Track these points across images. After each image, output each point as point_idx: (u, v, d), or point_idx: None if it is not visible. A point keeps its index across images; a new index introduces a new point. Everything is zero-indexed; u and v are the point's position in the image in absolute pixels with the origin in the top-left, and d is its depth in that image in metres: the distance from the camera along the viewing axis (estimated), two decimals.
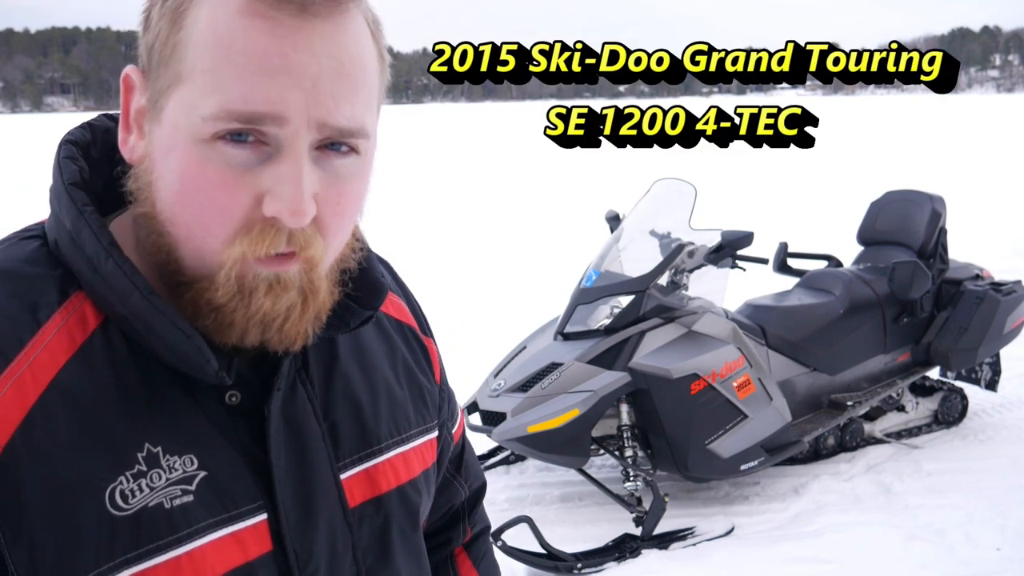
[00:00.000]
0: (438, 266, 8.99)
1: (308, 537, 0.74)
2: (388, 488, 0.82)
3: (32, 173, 21.40)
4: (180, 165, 0.66)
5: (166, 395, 0.69)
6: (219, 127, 0.65)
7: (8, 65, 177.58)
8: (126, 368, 0.69)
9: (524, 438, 3.49)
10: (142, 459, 0.67)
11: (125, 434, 0.67)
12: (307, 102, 0.65)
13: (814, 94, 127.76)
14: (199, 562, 0.68)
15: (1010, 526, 3.51)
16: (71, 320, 0.68)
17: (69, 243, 0.70)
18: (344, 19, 0.67)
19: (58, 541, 0.63)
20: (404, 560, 0.84)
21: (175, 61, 0.66)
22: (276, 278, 0.68)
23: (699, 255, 3.85)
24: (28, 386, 0.64)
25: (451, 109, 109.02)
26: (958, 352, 4.47)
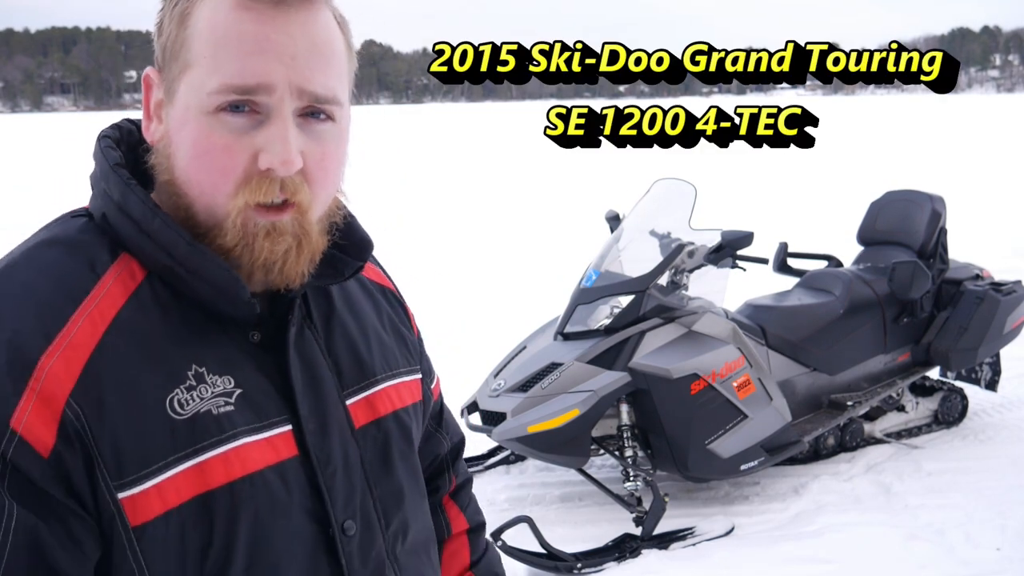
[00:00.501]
0: (438, 266, 9.00)
1: (326, 446, 0.91)
2: (385, 412, 1.00)
3: (32, 173, 21.40)
4: (192, 135, 0.83)
5: (204, 330, 0.86)
6: (221, 100, 0.81)
7: (8, 65, 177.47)
8: (170, 310, 0.85)
9: (524, 438, 3.49)
10: (191, 376, 0.84)
11: (176, 357, 0.84)
12: (288, 73, 0.82)
13: (814, 94, 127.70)
14: (243, 458, 0.84)
15: (1010, 526, 3.51)
16: (123, 273, 0.85)
17: (117, 212, 0.86)
18: (314, 10, 0.85)
19: (133, 437, 0.79)
20: (403, 473, 1.01)
21: (183, 53, 0.84)
22: (272, 226, 0.85)
23: (699, 255, 3.85)
24: (97, 321, 0.81)
25: (451, 109, 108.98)
26: (958, 352, 4.47)
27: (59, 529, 0.77)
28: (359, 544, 0.93)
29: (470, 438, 4.38)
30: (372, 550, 0.94)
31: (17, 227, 12.11)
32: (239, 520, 0.83)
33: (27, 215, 13.55)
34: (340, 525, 0.91)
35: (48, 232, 0.88)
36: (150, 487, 0.80)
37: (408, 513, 1.01)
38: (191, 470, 0.82)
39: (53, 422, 0.76)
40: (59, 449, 0.76)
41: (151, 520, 0.80)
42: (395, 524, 0.99)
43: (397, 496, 0.99)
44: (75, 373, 0.78)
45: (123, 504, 0.79)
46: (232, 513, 0.83)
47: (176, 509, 0.81)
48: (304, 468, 0.89)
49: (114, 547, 0.79)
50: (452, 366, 5.58)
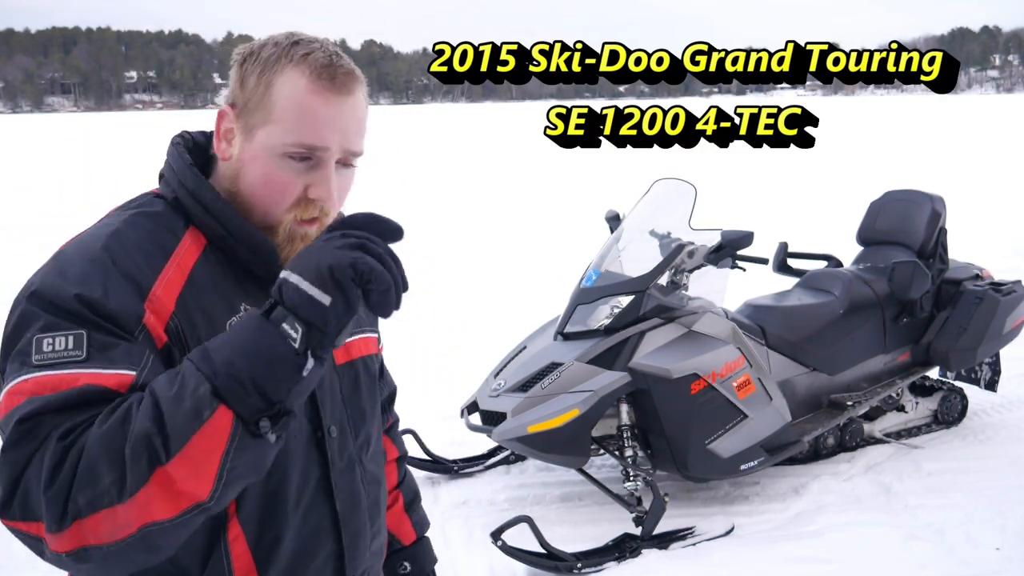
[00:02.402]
0: (438, 266, 8.99)
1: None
2: (357, 356, 1.37)
3: (32, 173, 21.39)
4: (263, 168, 1.20)
5: (246, 283, 1.23)
6: (291, 150, 1.19)
7: (8, 65, 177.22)
8: (224, 266, 1.22)
9: (524, 438, 3.49)
10: (242, 309, 1.20)
11: (233, 296, 1.21)
12: (340, 140, 1.20)
13: (814, 94, 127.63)
14: None
15: (1010, 526, 3.51)
16: (193, 240, 1.21)
17: (189, 198, 1.22)
18: (359, 93, 1.23)
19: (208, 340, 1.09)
20: (367, 402, 1.38)
21: (267, 110, 1.19)
22: (306, 234, 1.23)
23: (699, 255, 3.85)
24: (183, 267, 1.18)
25: (451, 109, 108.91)
26: (958, 352, 4.47)
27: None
28: (338, 444, 1.29)
29: (470, 438, 4.38)
30: (346, 451, 1.30)
31: (19, 226, 12.09)
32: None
33: (28, 214, 13.53)
34: (327, 428, 1.27)
35: (138, 207, 1.23)
36: None
37: (370, 431, 1.38)
38: None
39: (163, 328, 1.12)
40: (168, 343, 1.13)
41: None
42: (361, 436, 1.35)
43: (363, 416, 1.35)
44: (173, 299, 1.14)
45: None
46: None
47: None
48: None
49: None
50: (452, 366, 5.59)
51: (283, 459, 1.19)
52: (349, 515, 1.29)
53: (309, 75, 1.18)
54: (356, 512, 1.31)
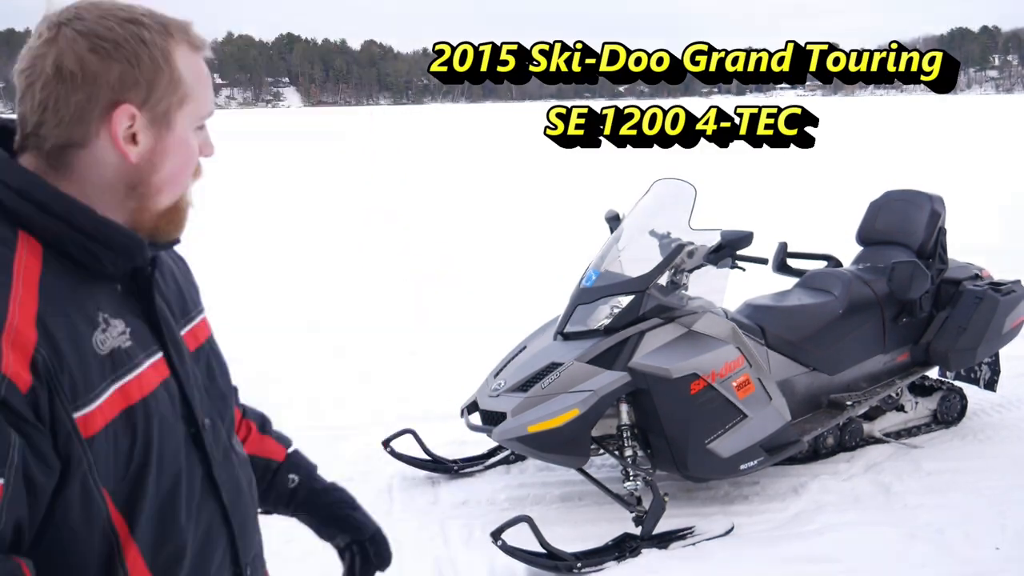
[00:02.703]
0: (438, 266, 9.00)
1: (184, 367, 1.19)
2: (203, 340, 1.30)
3: None
4: (189, 149, 1.14)
5: (91, 286, 1.09)
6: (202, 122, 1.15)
7: (8, 65, 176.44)
8: (67, 271, 1.06)
9: (524, 438, 3.50)
10: (102, 321, 1.07)
11: (88, 307, 1.06)
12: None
13: (814, 94, 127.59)
14: (146, 379, 1.11)
15: (1009, 525, 3.51)
16: (29, 246, 1.04)
17: (16, 198, 1.05)
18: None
19: (79, 371, 1.02)
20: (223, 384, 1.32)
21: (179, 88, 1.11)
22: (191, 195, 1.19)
23: (699, 255, 3.85)
24: (30, 284, 1.01)
25: (451, 109, 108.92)
26: (957, 352, 4.47)
27: (34, 446, 0.98)
28: (213, 436, 1.23)
29: (470, 438, 4.39)
30: (220, 441, 1.25)
31: None
32: (151, 425, 1.10)
33: None
34: (201, 423, 1.20)
35: None
36: (95, 408, 1.03)
37: (231, 413, 1.33)
38: (117, 392, 1.06)
39: (26, 364, 0.97)
40: (34, 385, 0.98)
41: (98, 432, 1.03)
42: (227, 421, 1.30)
43: (224, 401, 1.30)
44: (32, 326, 0.99)
45: (77, 422, 1.01)
46: (146, 421, 1.09)
47: (112, 422, 1.05)
48: (176, 383, 1.17)
49: (72, 459, 1.02)
50: (452, 366, 5.59)
51: (169, 470, 1.13)
52: (235, 504, 1.26)
53: (190, 44, 1.12)
54: (240, 499, 1.28)
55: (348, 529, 1.51)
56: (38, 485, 0.99)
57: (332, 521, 1.52)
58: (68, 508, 1.03)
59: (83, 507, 1.04)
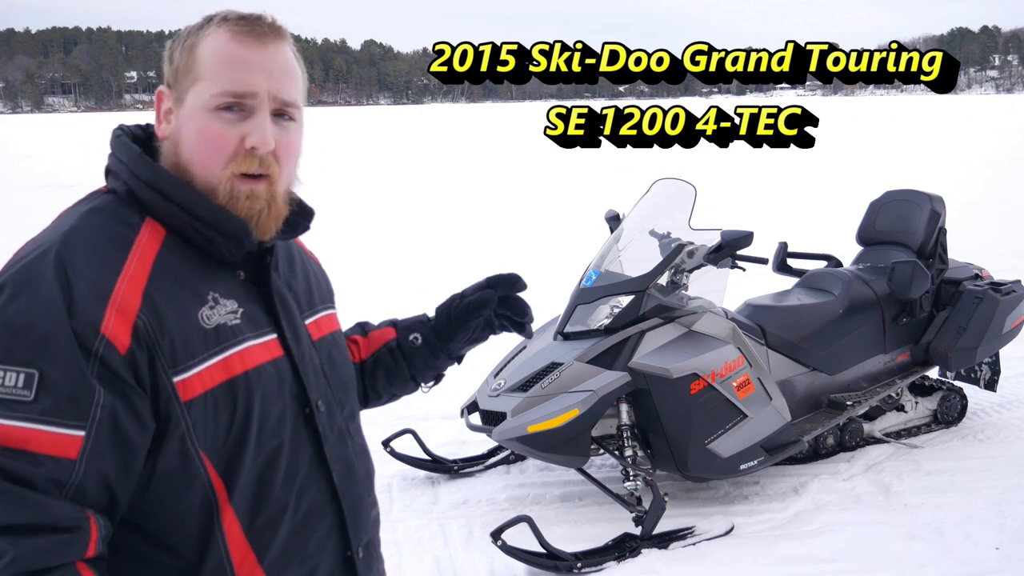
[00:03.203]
0: (438, 266, 9.00)
1: (300, 349, 1.29)
2: (328, 332, 1.39)
3: (32, 173, 21.40)
4: (197, 126, 1.18)
5: (210, 269, 1.21)
6: (220, 101, 1.17)
7: (8, 65, 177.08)
8: (187, 254, 1.20)
9: (524, 438, 3.50)
10: (211, 299, 1.19)
11: (200, 285, 1.19)
12: (267, 84, 1.19)
13: (814, 94, 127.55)
14: (252, 355, 1.21)
15: (1009, 525, 3.51)
16: (151, 230, 1.18)
17: (145, 188, 1.19)
18: (283, 44, 1.23)
19: (181, 339, 1.14)
20: (344, 374, 1.40)
21: (193, 70, 1.19)
22: (251, 191, 1.20)
23: (699, 255, 3.85)
24: (145, 261, 1.15)
25: (451, 109, 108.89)
26: (957, 352, 4.47)
27: (129, 405, 1.10)
28: (326, 418, 1.30)
29: (470, 438, 4.38)
30: (335, 424, 1.32)
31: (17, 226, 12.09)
32: (252, 398, 1.19)
33: (27, 213, 13.54)
34: (315, 403, 1.28)
35: (90, 203, 1.21)
36: (194, 374, 1.14)
37: (354, 405, 1.41)
38: (219, 364, 1.17)
39: (128, 328, 1.10)
40: (132, 347, 1.10)
41: (195, 397, 1.14)
42: (347, 409, 1.37)
43: (345, 388, 1.39)
44: (139, 295, 1.12)
45: (177, 386, 1.13)
46: (247, 393, 1.19)
47: (212, 390, 1.16)
48: (289, 364, 1.26)
49: (171, 419, 1.13)
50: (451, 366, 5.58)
51: (270, 443, 1.21)
52: (346, 485, 1.31)
53: (229, 29, 1.19)
54: (353, 482, 1.33)
55: (478, 308, 1.57)
56: (131, 442, 1.10)
57: (465, 320, 1.58)
58: (167, 466, 1.14)
59: (181, 466, 1.14)
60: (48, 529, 1.03)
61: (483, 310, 1.57)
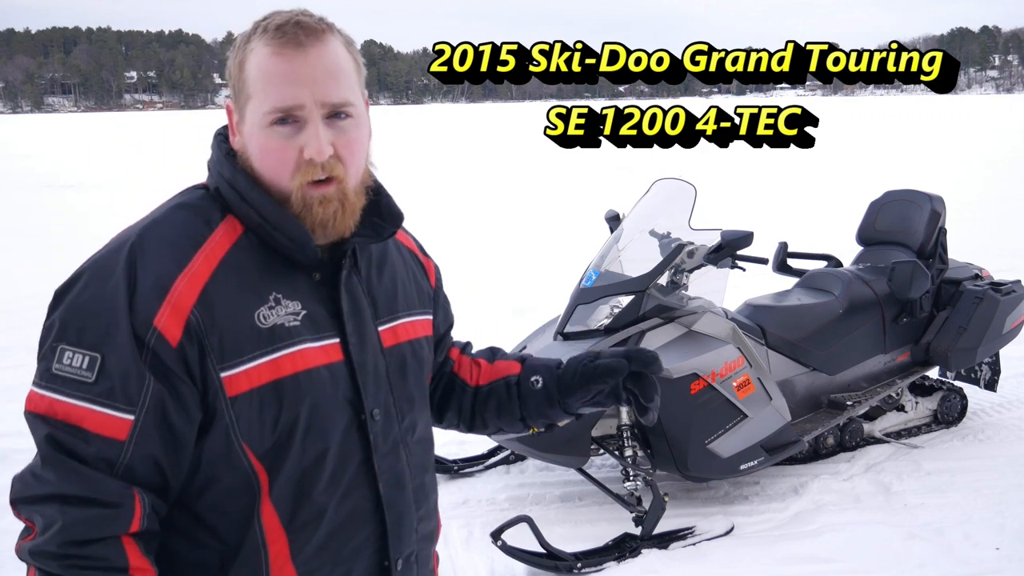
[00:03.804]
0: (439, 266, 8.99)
1: (363, 356, 1.29)
2: (404, 339, 1.38)
3: (32, 173, 21.39)
4: (258, 143, 1.22)
5: (282, 269, 1.24)
6: (271, 117, 1.20)
7: (8, 65, 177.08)
8: (260, 254, 1.23)
9: (524, 438, 3.49)
10: (272, 299, 1.22)
11: (262, 286, 1.22)
12: (312, 94, 1.20)
13: (814, 94, 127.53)
14: (306, 358, 1.22)
15: (1009, 525, 3.51)
16: (228, 229, 1.24)
17: (228, 187, 1.25)
18: (324, 45, 1.22)
19: (232, 337, 1.18)
20: (414, 386, 1.38)
21: (245, 89, 1.23)
22: (323, 196, 1.22)
23: (699, 255, 3.85)
24: (211, 259, 1.20)
25: (451, 109, 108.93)
26: (957, 352, 4.47)
27: (177, 395, 1.15)
28: (381, 427, 1.30)
29: (470, 438, 4.38)
30: (391, 434, 1.32)
31: (15, 225, 12.07)
32: (300, 400, 1.21)
33: (26, 213, 13.53)
34: (369, 412, 1.28)
35: (181, 198, 1.28)
36: (241, 371, 1.18)
37: (417, 415, 1.39)
38: (269, 363, 1.19)
39: (181, 323, 1.15)
40: (183, 341, 1.15)
41: (242, 393, 1.18)
42: (407, 420, 1.36)
43: (410, 400, 1.37)
44: (196, 292, 1.16)
45: (223, 381, 1.17)
46: (295, 394, 1.21)
47: (258, 389, 1.19)
48: (347, 369, 1.27)
49: (216, 412, 1.18)
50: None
51: (316, 446, 1.23)
52: (393, 497, 1.32)
53: (267, 41, 1.20)
54: (401, 494, 1.33)
55: (607, 375, 1.50)
56: (178, 431, 1.16)
57: (591, 381, 1.52)
58: (212, 452, 1.19)
59: (226, 456, 1.19)
60: (97, 503, 1.11)
61: (610, 378, 1.50)
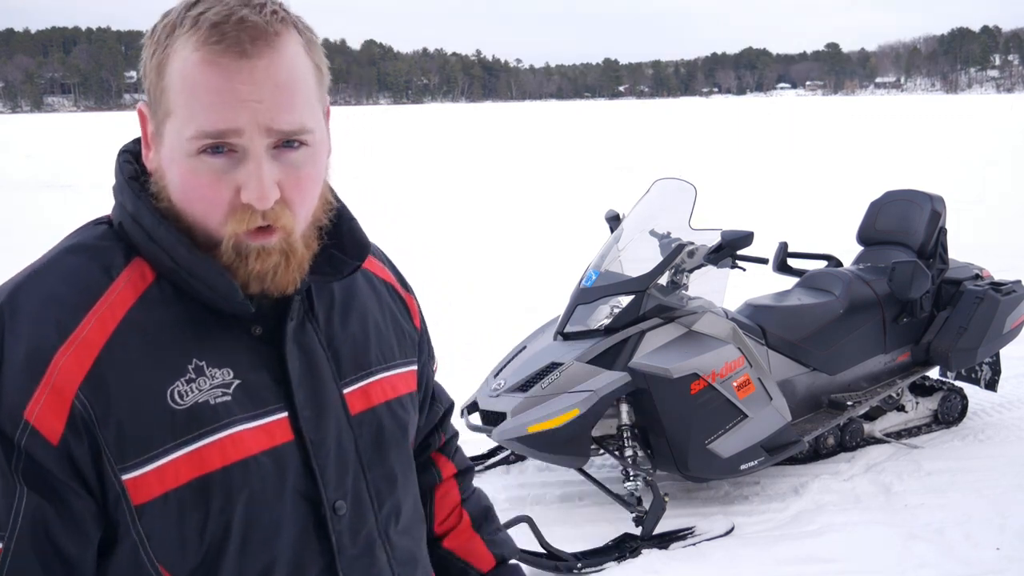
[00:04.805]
0: (437, 266, 8.99)
1: (320, 431, 0.99)
2: (379, 401, 1.08)
3: (31, 172, 21.40)
4: (180, 174, 0.92)
5: (206, 327, 0.95)
6: (198, 144, 0.90)
7: (8, 65, 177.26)
8: (176, 308, 0.94)
9: (524, 438, 3.49)
10: (191, 369, 0.92)
11: (178, 352, 0.92)
12: (255, 116, 0.89)
13: (814, 94, 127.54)
14: (238, 444, 0.93)
15: (1009, 525, 3.51)
16: (134, 276, 0.94)
17: (131, 222, 0.95)
18: (275, 52, 0.90)
19: (135, 426, 0.88)
20: (396, 459, 1.09)
21: (164, 100, 0.92)
22: (261, 247, 0.93)
23: (699, 255, 3.85)
24: (108, 320, 0.90)
25: (451, 109, 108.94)
26: (958, 352, 4.47)
27: (63, 509, 0.87)
28: (349, 523, 1.01)
29: (470, 438, 4.39)
30: (363, 529, 1.03)
31: (13, 224, 12.09)
32: (234, 500, 0.92)
33: (24, 213, 13.54)
34: (331, 505, 0.99)
35: (73, 239, 0.99)
36: (150, 471, 0.89)
37: (400, 496, 1.09)
38: (189, 455, 0.91)
39: (63, 412, 0.86)
40: (67, 436, 0.86)
41: (151, 500, 0.89)
42: (388, 506, 1.07)
43: (390, 480, 1.07)
44: (85, 368, 0.88)
45: (126, 485, 0.88)
46: (227, 494, 0.92)
47: (175, 491, 0.90)
48: (299, 451, 0.98)
49: (119, 525, 0.90)
50: (452, 366, 5.58)
51: (257, 559, 0.95)
52: None
53: (198, 44, 0.89)
54: None
55: None
56: (68, 556, 0.88)
57: None
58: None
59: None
60: None
61: None
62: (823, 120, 44.39)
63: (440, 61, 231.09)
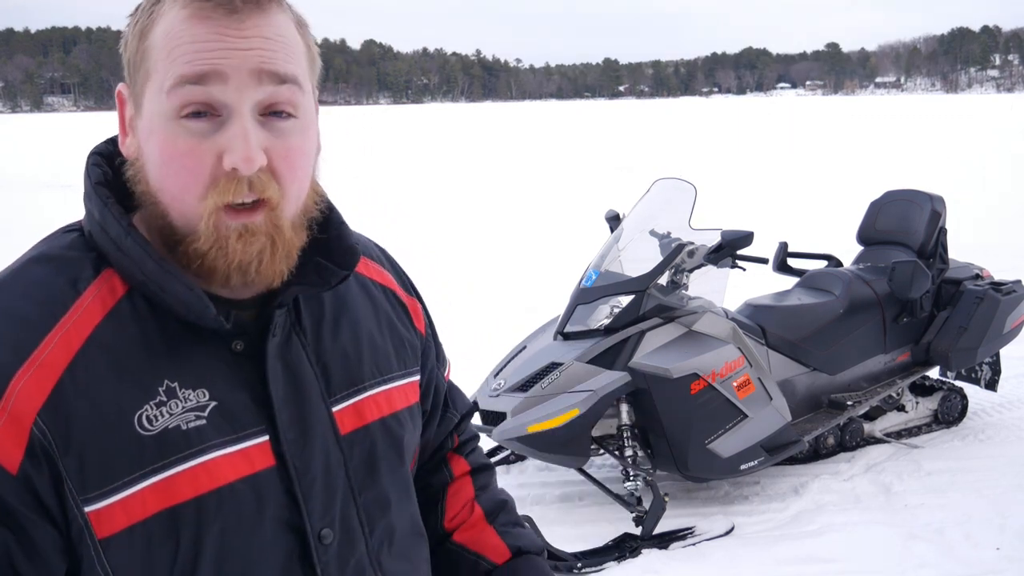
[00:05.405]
0: (437, 266, 8.99)
1: (305, 455, 0.91)
2: (372, 419, 0.99)
3: (31, 172, 21.39)
4: (159, 142, 0.84)
5: (181, 344, 0.87)
6: (179, 99, 0.82)
7: (8, 65, 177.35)
8: (147, 324, 0.87)
9: (524, 438, 3.49)
10: (162, 392, 0.85)
11: (148, 373, 0.85)
12: (243, 61, 0.83)
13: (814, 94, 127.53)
14: (213, 472, 0.85)
15: (1009, 525, 3.51)
16: (103, 289, 0.87)
17: (99, 231, 0.88)
18: (266, 15, 0.85)
19: (98, 453, 0.81)
20: (390, 480, 1.01)
21: (144, 63, 0.86)
22: (244, 227, 0.85)
23: (699, 255, 3.85)
24: (72, 338, 0.83)
25: (451, 108, 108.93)
26: (958, 352, 4.47)
27: (25, 540, 0.80)
28: (337, 552, 0.93)
29: None
30: (352, 558, 0.95)
31: (11, 224, 12.08)
32: (206, 533, 0.85)
33: (25, 212, 13.54)
34: (316, 533, 0.92)
35: (39, 248, 0.91)
36: (115, 502, 0.82)
37: (394, 519, 1.01)
38: (157, 485, 0.83)
39: (21, 440, 0.79)
40: (26, 465, 0.79)
41: (117, 533, 0.82)
42: (380, 530, 0.99)
43: (383, 503, 1.00)
44: (45, 391, 0.80)
45: (89, 517, 0.81)
46: (199, 526, 0.85)
47: (142, 523, 0.83)
48: (281, 477, 0.90)
49: (83, 558, 0.83)
50: (452, 366, 5.58)
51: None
52: None
53: (186, 2, 0.85)
54: None
55: None
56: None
57: None
58: None
59: None
60: None
61: None
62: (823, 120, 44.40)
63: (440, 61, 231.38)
